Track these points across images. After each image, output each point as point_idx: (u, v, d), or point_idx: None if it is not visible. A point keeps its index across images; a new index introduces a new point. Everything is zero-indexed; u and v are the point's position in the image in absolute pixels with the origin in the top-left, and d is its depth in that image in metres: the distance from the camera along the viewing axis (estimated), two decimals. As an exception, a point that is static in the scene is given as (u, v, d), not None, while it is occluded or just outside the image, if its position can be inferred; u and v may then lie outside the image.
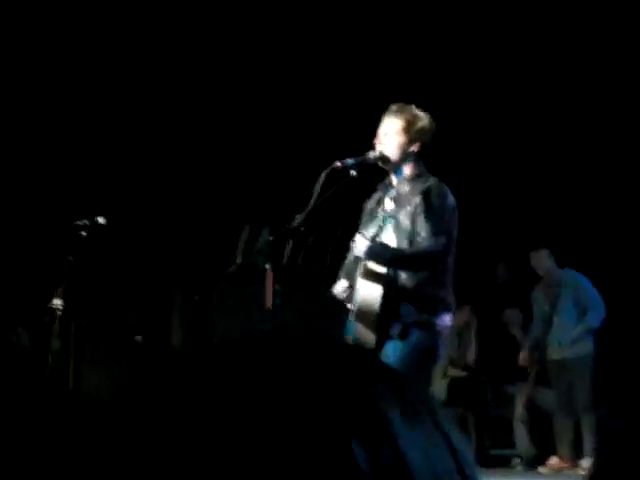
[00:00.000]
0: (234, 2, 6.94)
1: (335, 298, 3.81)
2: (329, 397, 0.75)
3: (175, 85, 7.04)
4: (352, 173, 3.63)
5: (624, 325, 6.08)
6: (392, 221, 3.70)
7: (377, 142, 3.72)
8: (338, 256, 4.09)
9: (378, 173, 3.89)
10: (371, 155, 3.68)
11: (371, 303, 3.55)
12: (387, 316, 3.56)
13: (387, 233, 3.73)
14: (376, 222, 3.70)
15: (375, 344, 3.57)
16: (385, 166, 3.75)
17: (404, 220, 3.63)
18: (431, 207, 3.58)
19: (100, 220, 4.89)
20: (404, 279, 3.59)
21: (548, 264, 6.11)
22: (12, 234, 6.71)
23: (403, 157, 3.71)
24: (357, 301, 3.60)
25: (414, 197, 3.64)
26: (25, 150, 6.90)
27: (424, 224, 3.57)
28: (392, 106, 3.77)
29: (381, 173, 3.88)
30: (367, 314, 3.57)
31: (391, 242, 3.67)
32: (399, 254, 3.59)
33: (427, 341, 3.60)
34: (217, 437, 0.81)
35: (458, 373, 6.43)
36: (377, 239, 3.63)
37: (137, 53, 6.91)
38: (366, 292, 3.58)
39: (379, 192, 3.85)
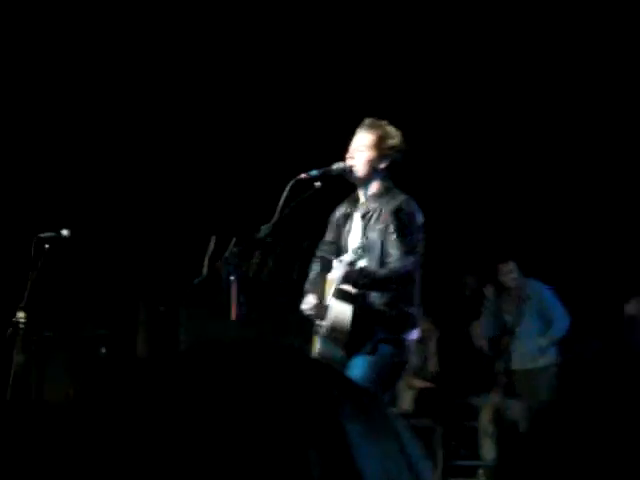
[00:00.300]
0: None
1: (303, 314, 3.82)
2: (291, 410, 0.76)
3: (138, 100, 7.01)
4: (317, 184, 3.64)
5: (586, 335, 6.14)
6: (359, 235, 3.71)
7: (348, 155, 3.74)
8: (305, 267, 4.10)
9: (346, 185, 3.90)
10: (335, 167, 3.69)
11: (343, 323, 3.58)
12: (357, 335, 3.58)
13: (351, 246, 3.74)
14: (355, 252, 3.65)
15: (343, 360, 3.59)
16: (352, 180, 3.76)
17: (374, 238, 3.63)
18: (402, 226, 3.60)
19: (64, 232, 4.85)
20: (374, 298, 3.60)
21: (515, 276, 6.17)
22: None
23: (372, 172, 3.72)
24: (329, 320, 3.61)
25: (384, 215, 3.65)
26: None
27: (395, 244, 3.58)
28: (365, 120, 3.79)
29: (348, 185, 3.89)
30: (338, 333, 3.59)
31: (364, 261, 3.66)
32: (374, 277, 3.58)
33: (395, 355, 3.62)
34: (179, 443, 0.81)
35: (423, 384, 6.45)
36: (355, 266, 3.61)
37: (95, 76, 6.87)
38: (338, 312, 3.59)
39: (346, 206, 3.85)
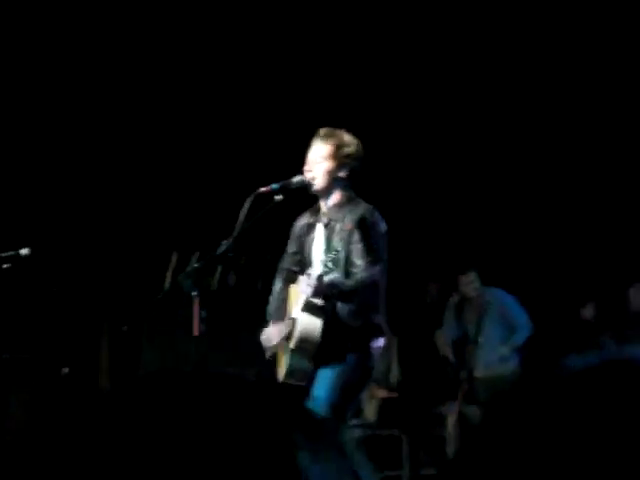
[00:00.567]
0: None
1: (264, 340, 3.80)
2: (243, 434, 0.79)
3: (95, 119, 6.98)
4: (277, 198, 3.64)
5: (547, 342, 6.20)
6: (322, 244, 3.71)
7: (306, 168, 3.74)
8: (269, 279, 4.09)
9: (307, 197, 3.90)
10: (295, 180, 3.70)
11: (312, 335, 3.57)
12: (325, 346, 3.58)
13: (315, 256, 3.74)
14: (325, 265, 3.63)
15: (312, 371, 3.59)
16: (312, 192, 3.77)
17: (337, 248, 3.63)
18: (366, 236, 3.60)
19: (23, 252, 4.80)
20: (341, 309, 3.61)
21: (476, 286, 6.22)
22: None
23: (332, 182, 3.73)
24: (297, 332, 3.60)
25: (346, 225, 3.65)
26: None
27: (360, 253, 3.59)
28: (320, 130, 3.79)
29: (310, 197, 3.89)
30: (308, 345, 3.59)
31: (329, 271, 3.66)
32: (342, 289, 3.58)
33: (361, 364, 3.62)
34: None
35: (386, 394, 6.46)
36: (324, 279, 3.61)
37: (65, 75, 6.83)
38: (305, 324, 3.59)
39: (308, 216, 3.85)
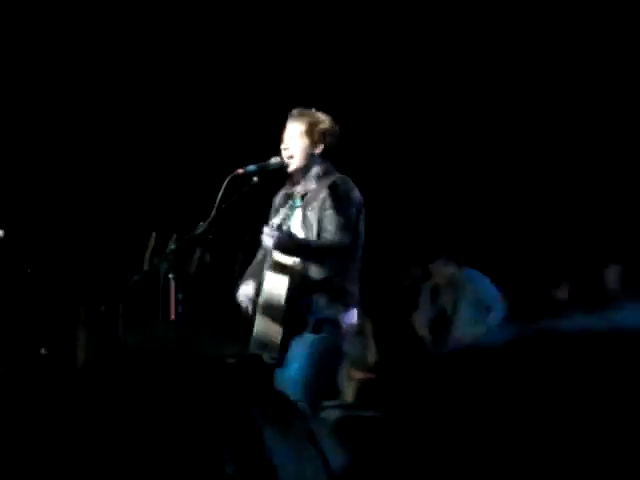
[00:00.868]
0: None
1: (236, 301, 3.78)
2: (206, 410, 0.79)
3: (78, 89, 6.91)
4: (254, 179, 3.63)
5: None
6: (300, 216, 3.71)
7: (282, 146, 3.75)
8: (248, 262, 4.08)
9: (284, 178, 3.89)
10: (272, 161, 3.69)
11: (277, 295, 3.54)
12: (295, 309, 3.56)
13: (295, 229, 3.74)
14: (283, 214, 3.66)
15: (282, 337, 3.56)
16: (290, 171, 3.76)
17: (311, 216, 3.65)
18: (337, 202, 3.62)
19: (-3, 233, 4.77)
20: (313, 272, 3.59)
21: (450, 270, 6.19)
22: None
23: (309, 160, 3.74)
24: (263, 294, 3.58)
25: (320, 193, 3.67)
26: None
27: (330, 219, 3.59)
28: (293, 111, 3.81)
29: (286, 177, 3.88)
30: (273, 306, 3.55)
31: (301, 236, 3.67)
32: (305, 244, 3.60)
33: (336, 338, 3.61)
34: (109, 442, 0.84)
35: (364, 375, 6.46)
36: (283, 227, 3.61)
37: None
38: (272, 284, 3.56)
39: (287, 187, 3.86)
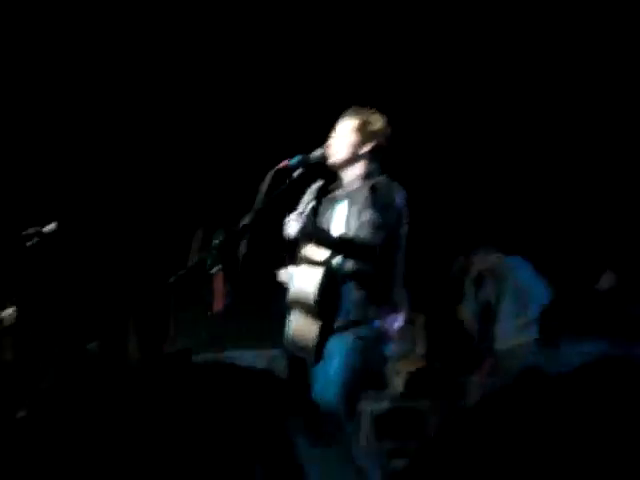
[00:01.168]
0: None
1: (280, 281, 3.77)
2: (238, 425, 0.80)
3: (120, 94, 6.99)
4: (297, 172, 3.64)
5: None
6: (343, 217, 3.71)
7: (329, 141, 3.75)
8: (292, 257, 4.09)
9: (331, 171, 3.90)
10: (315, 154, 3.70)
11: (309, 289, 3.52)
12: (329, 305, 3.53)
13: (336, 229, 3.74)
14: (307, 204, 3.63)
15: (319, 334, 3.54)
16: (332, 166, 3.77)
17: (353, 216, 3.64)
18: (377, 202, 3.60)
19: (49, 228, 4.84)
20: (347, 268, 3.58)
21: (492, 259, 6.12)
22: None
23: (353, 157, 3.73)
24: (294, 289, 3.56)
25: (363, 193, 3.66)
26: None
27: (367, 217, 3.58)
28: (351, 108, 3.82)
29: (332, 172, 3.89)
30: (305, 301, 3.52)
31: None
32: (333, 238, 3.58)
33: (373, 341, 3.58)
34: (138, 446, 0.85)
35: (412, 365, 6.44)
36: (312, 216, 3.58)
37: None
38: (303, 278, 3.55)
39: (331, 191, 3.86)
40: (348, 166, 3.77)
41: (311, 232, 3.53)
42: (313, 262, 3.53)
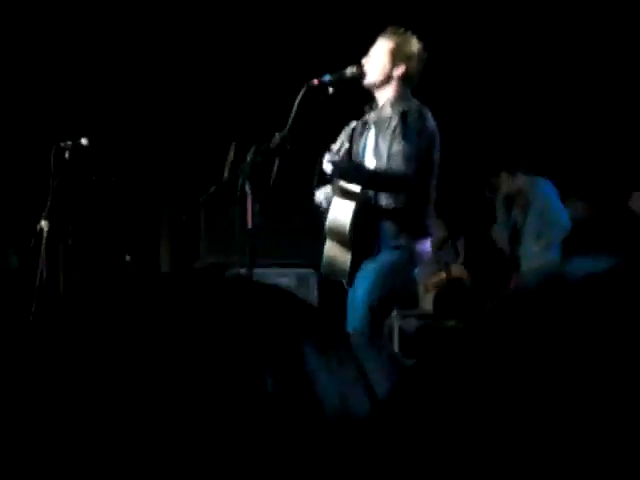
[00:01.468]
0: None
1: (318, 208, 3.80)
2: (248, 333, 0.82)
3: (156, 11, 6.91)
4: (330, 90, 3.60)
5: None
6: (372, 143, 3.70)
7: (364, 60, 3.71)
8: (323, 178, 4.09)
9: (364, 91, 3.86)
10: (348, 72, 3.65)
11: (343, 221, 3.55)
12: (363, 236, 3.57)
13: (367, 156, 3.72)
14: (345, 140, 3.68)
15: (350, 263, 3.59)
16: (365, 85, 3.73)
17: (382, 143, 3.63)
18: (408, 130, 3.57)
19: (83, 141, 4.88)
20: (381, 199, 3.59)
21: (520, 180, 6.04)
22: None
23: (385, 78, 3.70)
24: (330, 219, 3.60)
25: (393, 119, 3.63)
26: (3, 73, 6.81)
27: (398, 147, 3.56)
28: (388, 28, 3.76)
29: (365, 91, 3.85)
30: (340, 232, 3.57)
31: (370, 164, 3.67)
32: (366, 172, 3.59)
33: (403, 262, 3.61)
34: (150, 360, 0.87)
35: (441, 280, 6.45)
36: (352, 156, 3.62)
37: None
38: (338, 210, 3.58)
39: (365, 114, 3.84)
40: (381, 87, 3.72)
41: (346, 172, 3.53)
42: (348, 194, 3.55)
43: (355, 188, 3.55)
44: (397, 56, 3.69)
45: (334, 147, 3.57)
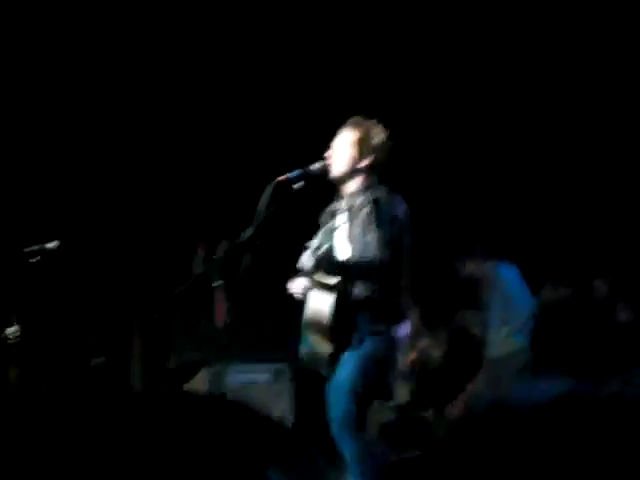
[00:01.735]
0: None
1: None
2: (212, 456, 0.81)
3: (118, 111, 7.00)
4: (297, 186, 3.64)
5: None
6: (345, 231, 3.71)
7: (328, 154, 3.74)
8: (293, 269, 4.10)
9: (332, 184, 3.89)
10: (314, 167, 3.69)
11: (322, 314, 3.56)
12: (342, 327, 3.57)
13: (340, 244, 3.74)
14: (327, 234, 3.73)
15: (331, 354, 3.58)
16: (331, 179, 3.76)
17: (355, 231, 3.64)
18: (380, 218, 3.60)
19: (51, 245, 4.84)
20: (357, 289, 3.60)
21: (482, 264, 6.05)
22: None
23: (352, 170, 3.72)
24: (308, 311, 3.60)
25: (365, 208, 3.65)
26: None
27: (373, 234, 3.58)
28: (350, 119, 3.79)
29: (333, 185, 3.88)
30: (319, 325, 3.58)
31: (345, 254, 3.68)
32: (344, 265, 3.61)
33: (383, 350, 3.61)
34: None
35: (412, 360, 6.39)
36: (325, 249, 3.65)
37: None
38: (316, 303, 3.59)
39: (332, 205, 3.86)
40: (347, 179, 3.76)
41: (326, 267, 3.57)
42: (325, 286, 3.57)
43: (332, 280, 3.57)
44: (363, 148, 3.71)
45: (312, 243, 3.60)
